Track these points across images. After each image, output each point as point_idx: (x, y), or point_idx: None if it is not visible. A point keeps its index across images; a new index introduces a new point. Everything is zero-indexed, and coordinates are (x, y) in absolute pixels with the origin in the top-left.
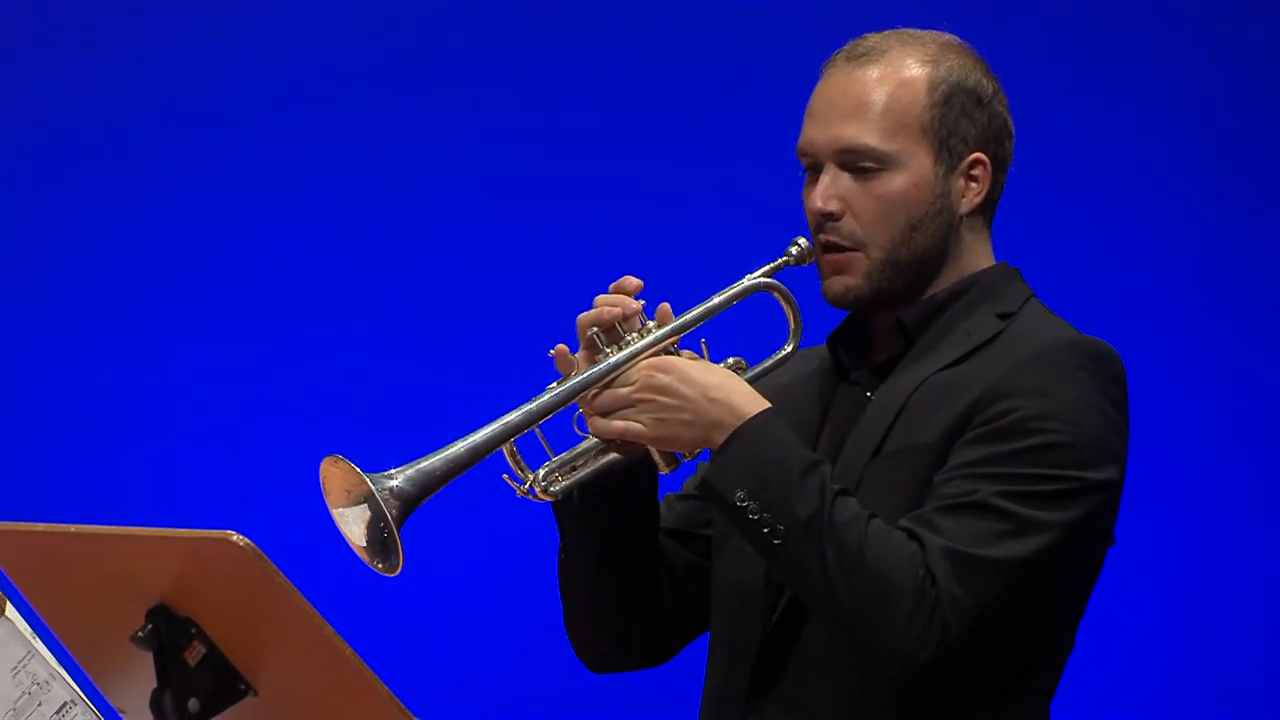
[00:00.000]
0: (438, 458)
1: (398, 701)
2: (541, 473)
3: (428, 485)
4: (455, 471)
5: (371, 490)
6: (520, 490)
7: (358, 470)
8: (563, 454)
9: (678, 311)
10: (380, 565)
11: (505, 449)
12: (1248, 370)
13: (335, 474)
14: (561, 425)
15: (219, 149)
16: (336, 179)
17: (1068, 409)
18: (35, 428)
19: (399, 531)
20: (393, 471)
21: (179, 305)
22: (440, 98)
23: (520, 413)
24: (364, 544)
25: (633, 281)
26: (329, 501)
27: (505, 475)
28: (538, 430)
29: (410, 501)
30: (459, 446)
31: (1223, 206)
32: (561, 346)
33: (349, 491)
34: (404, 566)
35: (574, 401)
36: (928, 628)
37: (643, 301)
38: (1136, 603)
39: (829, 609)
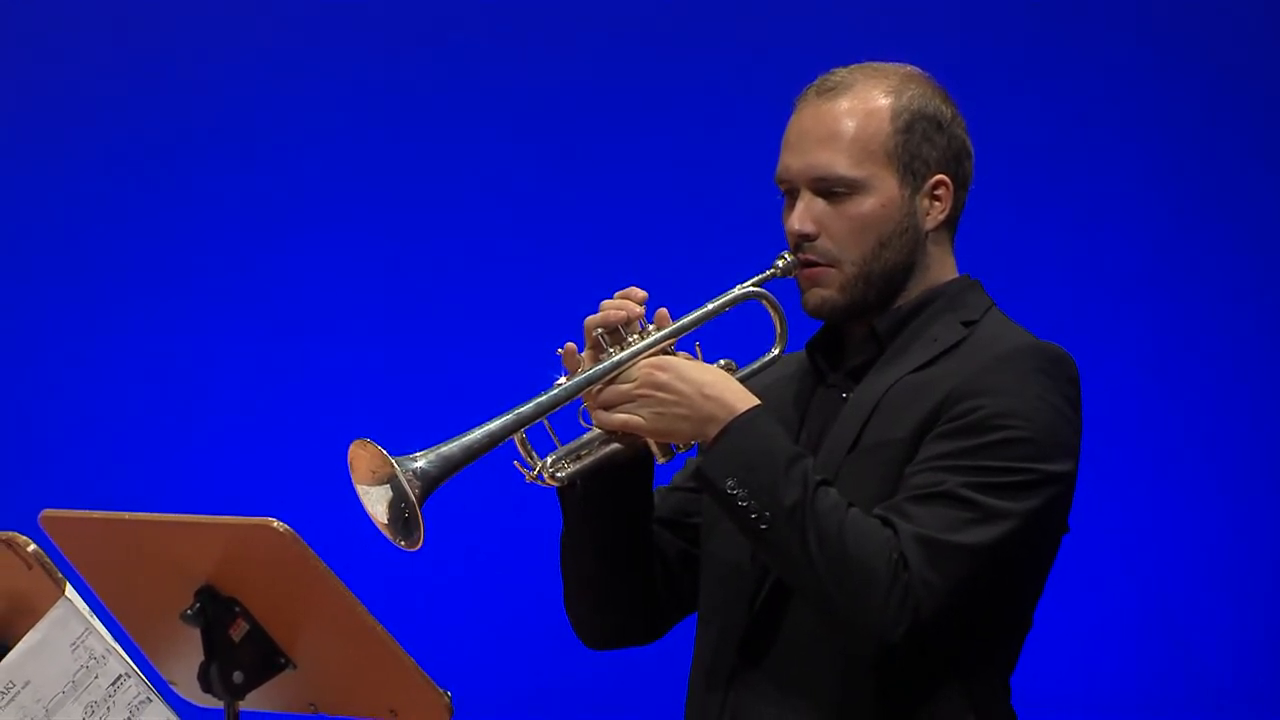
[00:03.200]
0: (456, 444)
1: (423, 672)
2: (549, 460)
3: (447, 468)
4: (472, 456)
5: (396, 471)
6: (529, 475)
7: (384, 452)
8: (569, 444)
9: (675, 316)
10: (402, 542)
11: (516, 438)
12: (1210, 370)
13: (363, 456)
14: (568, 417)
15: (264, 164)
16: (367, 192)
17: (1027, 407)
18: (91, 424)
19: (421, 510)
20: (416, 455)
21: (224, 313)
22: (472, 128)
23: (531, 405)
24: (386, 521)
25: (638, 292)
26: (355, 479)
27: (516, 462)
28: (546, 422)
29: (431, 482)
30: (476, 434)
31: (1173, 221)
32: (569, 345)
33: (374, 472)
34: (423, 543)
35: (580, 396)
36: (901, 607)
37: (644, 308)
38: (1107, 599)
39: (810, 590)
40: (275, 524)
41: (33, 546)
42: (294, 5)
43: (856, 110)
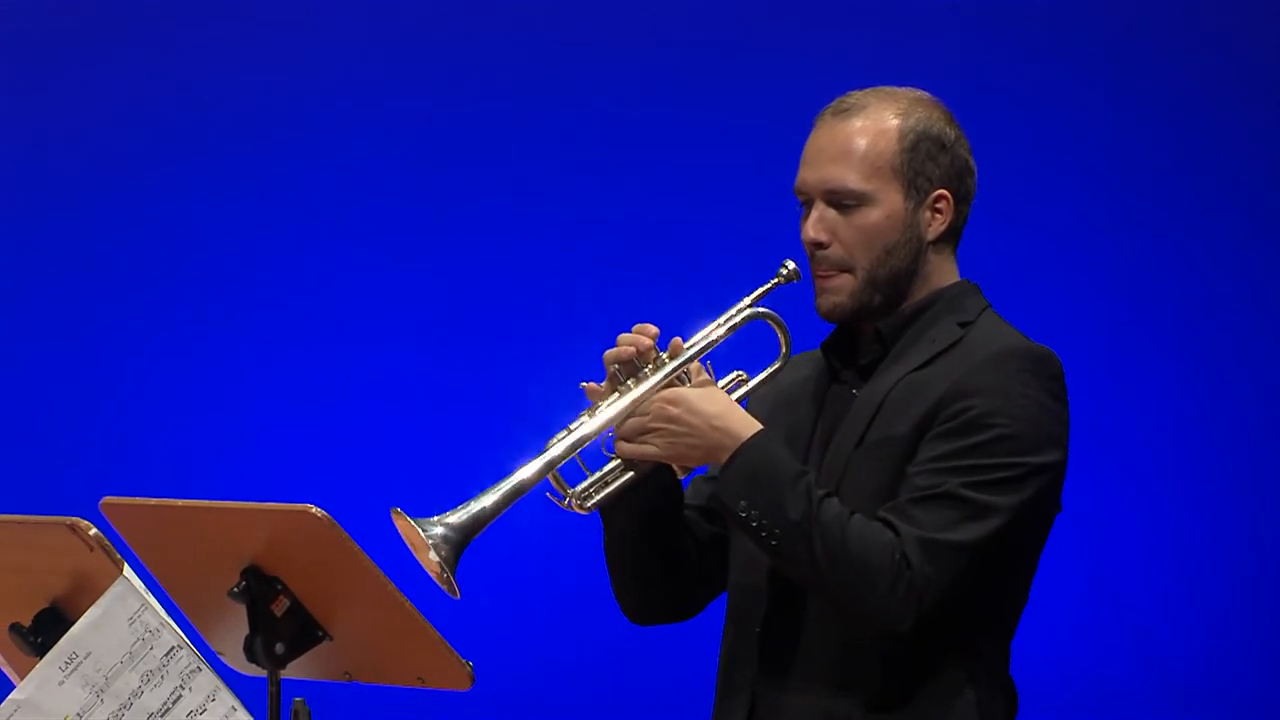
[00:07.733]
0: (489, 498)
1: (447, 644)
2: (579, 489)
3: (475, 528)
4: (501, 508)
5: (427, 543)
6: (561, 504)
7: (414, 525)
8: (596, 472)
9: (695, 324)
10: (447, 590)
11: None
12: (1171, 367)
13: (401, 525)
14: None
15: (308, 180)
16: (405, 207)
17: (1013, 405)
18: (148, 418)
19: (454, 572)
20: (448, 514)
21: (271, 318)
22: (502, 150)
23: (560, 448)
24: (437, 572)
25: (650, 328)
26: (409, 545)
27: (549, 493)
28: (578, 457)
29: (457, 547)
30: (505, 487)
31: (1140, 237)
32: (590, 384)
33: (411, 539)
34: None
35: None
36: (906, 602)
37: (654, 340)
38: (1067, 594)
39: (823, 593)
40: (314, 510)
41: (94, 530)
42: (340, 22)
43: (868, 130)
